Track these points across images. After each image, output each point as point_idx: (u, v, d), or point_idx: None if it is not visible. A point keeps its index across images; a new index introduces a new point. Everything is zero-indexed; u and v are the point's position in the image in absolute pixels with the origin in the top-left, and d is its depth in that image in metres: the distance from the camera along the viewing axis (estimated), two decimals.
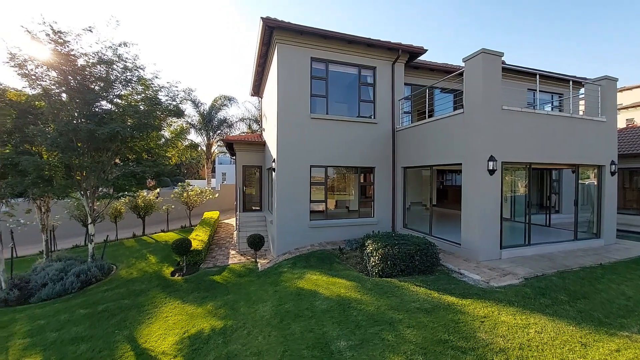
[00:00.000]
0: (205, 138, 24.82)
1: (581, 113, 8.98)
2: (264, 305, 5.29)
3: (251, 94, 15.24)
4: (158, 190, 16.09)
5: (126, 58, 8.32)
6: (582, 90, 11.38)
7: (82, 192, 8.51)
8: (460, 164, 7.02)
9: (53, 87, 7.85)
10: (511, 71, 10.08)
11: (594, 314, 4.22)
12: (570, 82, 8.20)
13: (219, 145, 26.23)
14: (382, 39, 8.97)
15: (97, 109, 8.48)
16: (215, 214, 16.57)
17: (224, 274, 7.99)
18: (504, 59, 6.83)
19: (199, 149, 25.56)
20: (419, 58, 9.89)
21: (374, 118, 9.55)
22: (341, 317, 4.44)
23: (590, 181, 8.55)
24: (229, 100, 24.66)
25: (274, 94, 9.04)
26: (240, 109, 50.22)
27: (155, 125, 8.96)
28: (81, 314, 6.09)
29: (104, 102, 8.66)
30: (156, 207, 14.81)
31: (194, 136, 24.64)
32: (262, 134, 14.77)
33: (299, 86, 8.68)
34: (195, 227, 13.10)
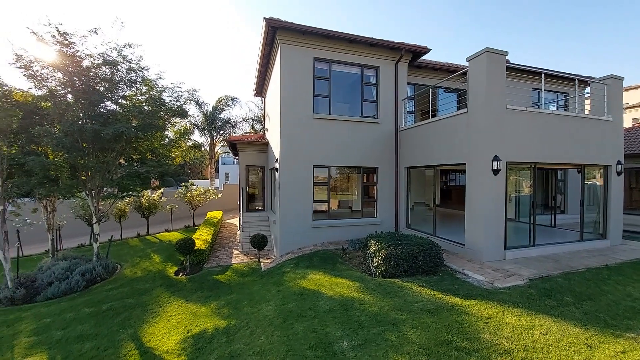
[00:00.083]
0: (209, 138, 24.93)
1: (587, 112, 8.90)
2: (267, 305, 5.31)
3: (254, 94, 15.30)
4: (162, 190, 16.18)
5: (131, 59, 8.37)
6: (587, 90, 11.27)
7: (87, 192, 8.58)
8: (464, 164, 6.99)
9: (59, 88, 7.92)
10: (516, 70, 10.01)
11: (600, 315, 4.18)
12: (576, 81, 8.12)
13: (222, 146, 26.34)
14: (385, 39, 8.95)
15: (102, 110, 8.54)
16: (218, 214, 16.63)
17: (227, 273, 8.02)
18: (508, 58, 6.79)
19: (203, 149, 25.68)
20: (422, 57, 9.85)
21: (377, 118, 9.53)
22: (344, 317, 4.43)
23: (592, 182, 8.46)
24: (232, 101, 24.75)
25: (276, 94, 9.06)
26: (243, 109, 50.55)
27: (159, 126, 9.01)
28: (86, 312, 6.14)
29: (108, 103, 8.72)
30: (160, 207, 14.90)
31: (197, 136, 24.79)
32: (265, 134, 14.80)
33: (301, 86, 8.68)
34: (199, 227, 13.16)
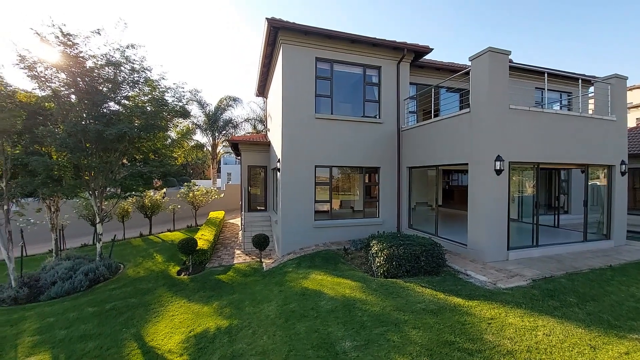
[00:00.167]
0: (211, 138, 25.00)
1: (590, 112, 8.84)
2: (269, 305, 5.31)
3: (256, 95, 15.32)
4: (164, 190, 16.26)
5: (134, 60, 8.41)
6: (591, 89, 11.20)
7: (90, 192, 8.63)
8: (466, 164, 6.96)
9: (62, 88, 7.97)
10: (518, 70, 9.96)
11: (604, 316, 4.15)
12: (579, 80, 8.08)
13: (224, 146, 26.40)
14: (387, 39, 8.93)
15: (105, 110, 8.60)
16: (220, 214, 16.67)
17: (229, 273, 8.03)
18: (510, 58, 6.75)
19: (205, 149, 25.75)
20: (424, 57, 9.83)
21: (379, 118, 9.52)
22: (346, 317, 4.43)
23: (593, 182, 8.39)
24: (234, 101, 24.81)
25: (278, 94, 9.06)
26: (245, 109, 50.59)
27: (161, 126, 9.04)
28: (89, 312, 6.17)
29: (111, 104, 8.78)
30: (163, 207, 14.96)
31: (199, 136, 24.88)
32: (267, 134, 14.82)
33: (303, 86, 8.68)
34: (201, 227, 13.19)
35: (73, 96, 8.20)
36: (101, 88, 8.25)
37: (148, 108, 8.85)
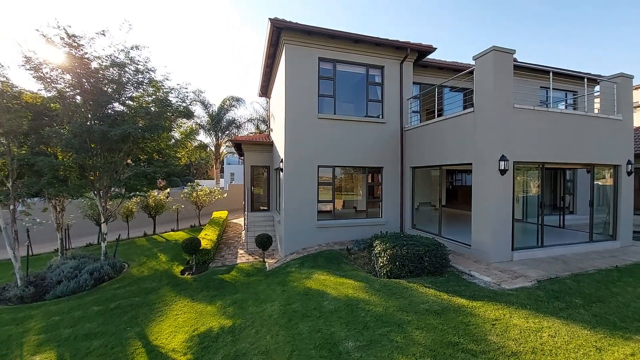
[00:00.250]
0: (214, 139, 25.12)
1: (596, 111, 8.75)
2: (272, 305, 5.32)
3: (259, 95, 15.36)
4: (168, 190, 16.35)
5: (138, 61, 8.47)
6: (597, 88, 11.07)
7: (95, 192, 8.70)
8: (470, 163, 6.92)
9: (68, 89, 8.05)
10: (523, 69, 9.89)
11: (609, 317, 4.10)
12: (585, 79, 7.98)
13: (227, 146, 26.51)
14: (390, 38, 8.91)
15: (109, 111, 8.66)
16: (223, 214, 16.73)
17: (232, 273, 8.06)
18: (515, 57, 6.70)
19: (208, 149, 25.90)
20: (427, 56, 9.79)
21: (382, 118, 9.49)
22: (349, 317, 4.42)
23: (596, 182, 8.29)
24: (236, 101, 24.92)
25: (281, 94, 9.08)
26: (247, 109, 50.73)
27: (165, 126, 9.09)
28: (94, 310, 6.23)
29: (116, 104, 8.84)
30: (166, 207, 15.06)
31: (203, 137, 25.01)
32: (269, 134, 14.85)
33: (306, 86, 8.69)
34: (205, 227, 13.25)
35: (78, 97, 8.27)
36: (106, 89, 8.32)
37: (152, 108, 8.90)
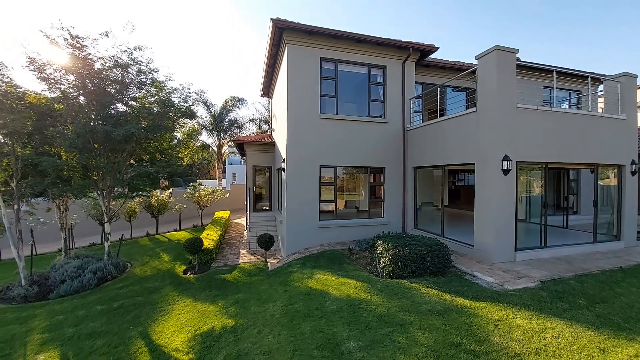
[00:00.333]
0: (216, 139, 25.18)
1: (600, 111, 8.69)
2: (274, 305, 5.32)
3: (261, 95, 15.38)
4: (171, 190, 16.41)
5: (140, 61, 8.51)
6: (600, 87, 11.00)
7: (98, 192, 8.75)
8: (473, 163, 6.89)
9: (71, 90, 8.10)
10: (526, 68, 9.85)
11: (613, 318, 4.08)
12: (589, 78, 7.95)
13: (229, 146, 26.57)
14: (392, 38, 8.90)
15: (112, 111, 8.71)
16: (226, 214, 16.77)
17: (234, 272, 8.08)
18: (518, 56, 6.67)
19: (210, 149, 25.97)
20: (430, 56, 9.76)
21: (384, 117, 9.48)
22: (351, 317, 4.42)
23: (600, 182, 8.23)
24: (238, 102, 24.96)
25: (283, 94, 9.08)
26: (249, 109, 50.81)
27: (168, 127, 9.13)
28: (97, 310, 6.26)
29: (119, 105, 8.89)
30: (169, 207, 15.11)
31: (205, 137, 25.08)
32: (271, 134, 14.87)
33: (308, 86, 8.69)
34: (207, 227, 13.29)
35: (82, 98, 8.32)
36: (109, 89, 8.37)
37: (155, 109, 8.95)
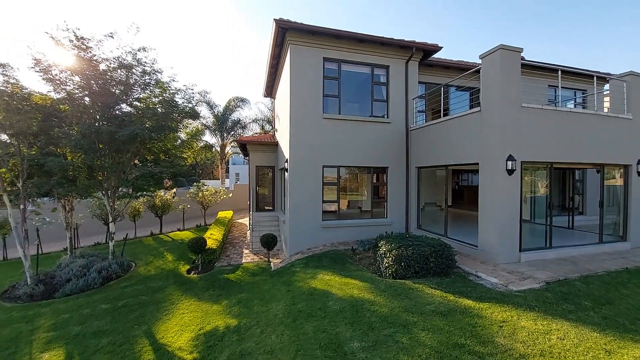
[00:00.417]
0: (220, 139, 25.27)
1: (606, 110, 8.59)
2: (277, 304, 5.33)
3: (264, 95, 15.42)
4: (174, 190, 16.51)
5: (145, 62, 8.56)
6: (606, 87, 10.87)
7: (103, 192, 8.82)
8: (477, 163, 6.85)
9: (76, 91, 8.16)
10: (531, 67, 9.76)
11: (619, 320, 4.03)
12: (595, 77, 7.85)
13: (232, 146, 26.65)
14: (395, 37, 8.87)
15: (117, 112, 8.78)
16: (229, 214, 16.82)
17: (237, 272, 8.10)
18: (523, 55, 6.62)
19: (214, 149, 26.05)
20: (433, 56, 9.72)
21: (387, 117, 9.45)
22: (354, 318, 4.41)
23: (606, 182, 8.13)
24: (241, 102, 25.04)
25: (286, 94, 9.09)
26: (252, 110, 50.89)
27: (172, 127, 9.18)
28: (102, 308, 6.32)
29: (123, 105, 8.96)
30: (173, 207, 15.19)
31: (208, 137, 25.20)
32: (274, 134, 14.89)
33: (311, 86, 8.69)
34: (210, 226, 13.34)
35: (87, 98, 8.39)
36: (114, 90, 8.42)
37: (159, 109, 9.00)
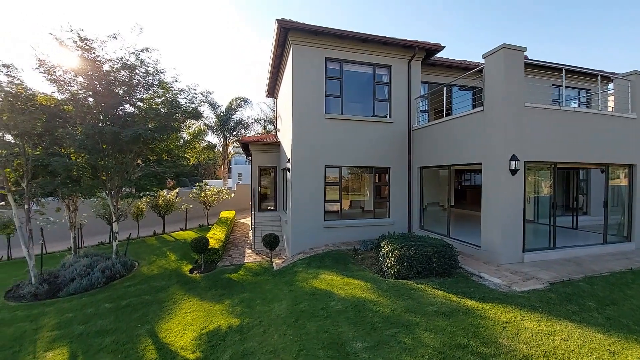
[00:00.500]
0: (222, 139, 25.35)
1: (610, 109, 8.53)
2: (279, 304, 5.34)
3: (266, 95, 15.44)
4: (177, 190, 16.59)
5: (148, 63, 8.61)
6: (610, 86, 10.79)
7: (107, 191, 8.88)
8: (480, 163, 6.82)
9: (80, 91, 8.23)
10: (534, 66, 9.67)
11: (623, 321, 4.00)
12: (599, 77, 7.79)
13: (235, 146, 26.73)
14: (397, 37, 8.85)
15: (120, 112, 8.83)
16: (231, 214, 16.86)
17: (240, 272, 8.12)
18: (526, 54, 6.58)
19: (216, 149, 26.14)
20: (435, 55, 9.69)
21: (389, 117, 9.43)
22: (356, 318, 4.41)
23: (611, 182, 8.06)
24: (244, 102, 25.10)
25: (288, 94, 9.10)
26: (254, 110, 50.99)
27: (174, 127, 9.22)
28: (106, 308, 6.36)
29: (127, 106, 9.01)
30: (175, 207, 15.26)
31: (211, 137, 25.29)
32: (276, 134, 14.91)
33: (313, 86, 8.69)
34: (213, 226, 13.38)
35: (90, 99, 8.45)
36: (117, 91, 8.48)
37: (162, 110, 9.04)
